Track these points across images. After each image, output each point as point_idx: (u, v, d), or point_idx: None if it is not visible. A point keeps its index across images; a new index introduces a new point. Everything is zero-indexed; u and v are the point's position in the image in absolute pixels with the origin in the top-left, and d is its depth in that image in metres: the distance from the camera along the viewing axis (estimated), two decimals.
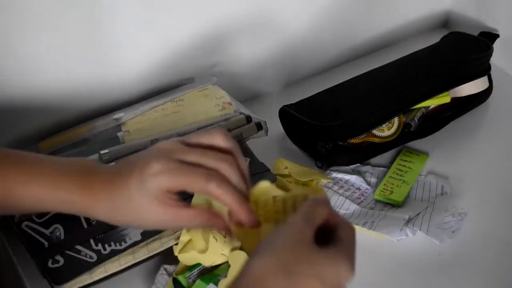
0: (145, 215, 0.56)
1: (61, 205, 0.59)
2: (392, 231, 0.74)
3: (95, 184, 0.58)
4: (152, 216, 0.56)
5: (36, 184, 0.58)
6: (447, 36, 0.97)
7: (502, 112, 0.95)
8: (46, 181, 0.58)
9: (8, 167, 0.59)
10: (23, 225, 0.73)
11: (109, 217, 0.58)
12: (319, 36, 0.98)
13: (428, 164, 0.86)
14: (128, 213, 0.57)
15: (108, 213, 0.58)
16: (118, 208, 0.57)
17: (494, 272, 0.73)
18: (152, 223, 0.58)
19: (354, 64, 1.02)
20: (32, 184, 0.58)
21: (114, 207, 0.57)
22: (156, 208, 0.55)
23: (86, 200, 0.57)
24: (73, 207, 0.59)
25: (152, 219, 0.56)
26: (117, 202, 0.56)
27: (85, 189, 0.58)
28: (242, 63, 0.94)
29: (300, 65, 1.00)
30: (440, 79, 0.87)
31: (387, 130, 0.85)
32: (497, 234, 0.77)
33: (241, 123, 0.82)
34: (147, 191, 0.55)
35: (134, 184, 0.55)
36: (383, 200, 0.80)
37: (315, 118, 0.83)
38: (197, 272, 0.70)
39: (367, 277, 0.72)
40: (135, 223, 0.58)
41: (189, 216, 0.57)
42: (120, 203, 0.56)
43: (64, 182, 0.58)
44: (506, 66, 1.00)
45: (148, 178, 0.55)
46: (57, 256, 0.69)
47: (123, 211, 0.57)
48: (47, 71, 0.78)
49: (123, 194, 0.56)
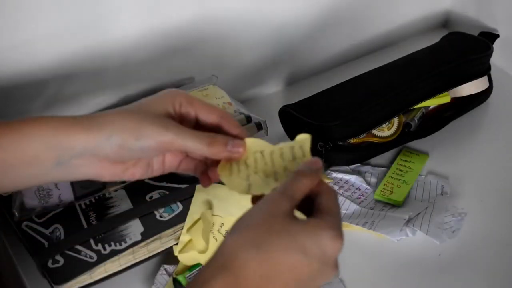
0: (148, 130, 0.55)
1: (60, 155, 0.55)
2: (392, 231, 0.74)
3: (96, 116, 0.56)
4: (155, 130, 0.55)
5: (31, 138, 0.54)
6: (447, 36, 0.97)
7: (502, 112, 0.95)
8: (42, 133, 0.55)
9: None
10: (23, 225, 0.73)
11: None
12: (319, 36, 0.98)
13: (428, 164, 0.86)
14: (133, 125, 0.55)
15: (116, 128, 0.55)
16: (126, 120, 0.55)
17: (494, 272, 0.73)
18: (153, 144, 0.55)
19: (354, 64, 1.02)
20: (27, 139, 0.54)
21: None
22: (162, 121, 0.55)
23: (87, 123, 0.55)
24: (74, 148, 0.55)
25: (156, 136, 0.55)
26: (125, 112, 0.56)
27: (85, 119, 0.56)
28: (242, 63, 0.94)
29: (300, 65, 1.00)
30: (440, 79, 0.87)
31: (387, 130, 0.85)
32: (497, 234, 0.77)
33: (241, 123, 0.82)
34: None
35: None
36: (383, 200, 0.80)
37: (315, 118, 0.83)
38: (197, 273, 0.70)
39: (367, 277, 0.73)
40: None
41: (192, 135, 0.55)
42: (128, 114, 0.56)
43: (62, 128, 0.55)
44: (506, 66, 1.00)
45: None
46: (57, 256, 0.69)
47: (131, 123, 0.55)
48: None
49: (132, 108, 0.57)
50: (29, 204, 0.74)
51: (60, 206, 0.75)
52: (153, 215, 0.73)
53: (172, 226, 0.72)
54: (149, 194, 0.76)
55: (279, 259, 0.46)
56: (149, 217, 0.73)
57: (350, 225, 0.76)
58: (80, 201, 0.75)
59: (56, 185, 0.74)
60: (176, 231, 0.73)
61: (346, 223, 0.77)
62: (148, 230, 0.72)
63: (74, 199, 0.75)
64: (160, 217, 0.73)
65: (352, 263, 0.74)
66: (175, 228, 0.72)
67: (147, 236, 0.71)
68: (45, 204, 0.74)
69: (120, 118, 0.55)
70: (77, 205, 0.75)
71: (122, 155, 0.55)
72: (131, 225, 0.72)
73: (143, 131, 0.54)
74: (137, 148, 0.54)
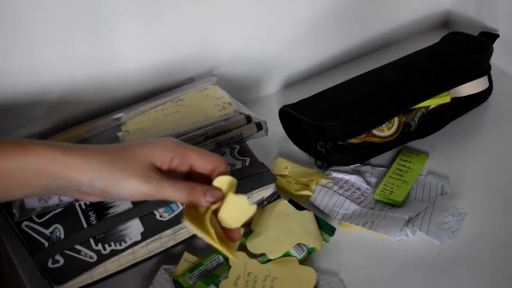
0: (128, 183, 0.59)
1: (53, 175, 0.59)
2: (392, 231, 0.74)
3: (88, 149, 0.60)
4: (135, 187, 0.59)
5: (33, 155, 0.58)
6: (447, 36, 0.97)
7: (502, 112, 0.95)
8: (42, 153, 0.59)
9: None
10: (23, 225, 0.73)
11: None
12: (319, 36, 0.98)
13: (428, 164, 0.86)
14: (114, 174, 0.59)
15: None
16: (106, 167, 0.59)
17: (494, 272, 0.73)
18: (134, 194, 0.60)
19: (354, 64, 1.02)
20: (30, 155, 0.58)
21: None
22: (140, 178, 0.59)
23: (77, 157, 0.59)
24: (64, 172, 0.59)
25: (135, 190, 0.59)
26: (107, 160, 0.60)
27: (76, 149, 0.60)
28: (242, 63, 0.94)
29: (299, 65, 1.00)
30: (440, 79, 0.87)
31: (387, 130, 0.85)
32: (497, 234, 0.77)
33: (241, 123, 0.82)
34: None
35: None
36: (383, 200, 0.80)
37: (315, 118, 0.83)
38: (198, 274, 0.70)
39: (367, 277, 0.73)
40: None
41: (172, 187, 0.59)
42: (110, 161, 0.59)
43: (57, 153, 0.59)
44: (506, 66, 1.00)
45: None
46: (57, 256, 0.69)
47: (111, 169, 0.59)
48: (48, 70, 0.78)
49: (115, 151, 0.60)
50: (29, 204, 0.74)
51: (60, 206, 0.75)
52: (153, 215, 0.73)
53: (172, 226, 0.72)
54: None
55: None
56: (149, 217, 0.73)
57: (350, 225, 0.76)
58: (80, 201, 0.75)
59: None
60: (176, 231, 0.72)
61: (346, 223, 0.77)
62: (148, 230, 0.72)
63: (74, 199, 0.75)
64: (160, 217, 0.73)
65: (352, 263, 0.74)
66: (175, 228, 0.72)
67: (147, 236, 0.71)
68: (45, 204, 0.74)
69: (104, 165, 0.59)
70: (77, 205, 0.75)
71: (103, 196, 0.61)
72: (131, 225, 0.72)
73: (124, 182, 0.59)
74: (117, 195, 0.60)
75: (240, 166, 0.79)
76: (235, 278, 0.69)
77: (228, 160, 0.81)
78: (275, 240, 0.73)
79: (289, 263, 0.71)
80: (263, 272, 0.70)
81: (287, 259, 0.72)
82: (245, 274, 0.70)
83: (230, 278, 0.69)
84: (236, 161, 0.80)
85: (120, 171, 0.59)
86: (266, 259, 0.72)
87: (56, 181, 0.58)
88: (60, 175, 0.58)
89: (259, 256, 0.72)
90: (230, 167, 0.79)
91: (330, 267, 0.73)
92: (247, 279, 0.69)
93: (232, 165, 0.80)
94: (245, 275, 0.69)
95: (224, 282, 0.69)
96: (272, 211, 0.76)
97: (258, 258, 0.72)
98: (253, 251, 0.72)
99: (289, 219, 0.75)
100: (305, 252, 0.73)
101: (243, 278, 0.69)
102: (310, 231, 0.74)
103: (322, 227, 0.76)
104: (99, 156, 0.59)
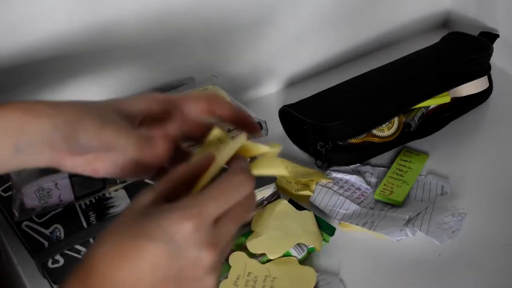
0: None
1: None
2: (392, 231, 0.74)
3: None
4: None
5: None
6: (447, 36, 0.97)
7: (502, 112, 0.95)
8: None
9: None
10: (23, 225, 0.73)
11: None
12: (319, 36, 0.98)
13: (428, 164, 0.86)
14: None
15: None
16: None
17: (494, 272, 0.73)
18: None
19: (354, 64, 1.02)
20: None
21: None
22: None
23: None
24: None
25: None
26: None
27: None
28: (242, 63, 0.94)
29: (299, 65, 1.00)
30: (440, 79, 0.87)
31: (387, 130, 0.85)
32: (497, 234, 0.77)
33: None
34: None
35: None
36: (383, 200, 0.80)
37: (315, 118, 0.83)
38: None
39: (367, 277, 0.73)
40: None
41: (128, 134, 0.52)
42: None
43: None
44: (506, 66, 1.00)
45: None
46: (57, 256, 0.69)
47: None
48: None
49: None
50: (29, 204, 0.74)
51: (60, 206, 0.75)
52: None
53: None
54: None
55: (127, 247, 0.44)
56: None
57: (350, 225, 0.76)
58: (80, 201, 0.75)
59: (56, 185, 0.74)
60: None
61: (346, 223, 0.77)
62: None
63: (74, 199, 0.75)
64: None
65: (352, 263, 0.74)
66: None
67: None
68: (45, 204, 0.74)
69: (71, 110, 0.52)
70: (77, 205, 0.75)
71: (70, 147, 0.53)
72: None
73: (83, 127, 0.51)
74: (78, 144, 0.52)
75: None
76: (235, 278, 0.69)
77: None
78: (275, 240, 0.73)
79: (289, 263, 0.72)
80: (263, 272, 0.70)
81: (287, 259, 0.72)
82: (245, 274, 0.70)
83: (230, 278, 0.69)
84: None
85: (83, 115, 0.52)
86: (266, 259, 0.72)
87: (26, 137, 0.52)
88: (30, 128, 0.52)
89: (259, 256, 0.72)
90: None
91: (330, 267, 0.73)
92: (247, 279, 0.69)
93: None
94: (245, 275, 0.69)
95: (224, 282, 0.69)
96: (272, 211, 0.76)
97: (258, 258, 0.72)
98: (253, 251, 0.72)
99: (289, 219, 0.75)
100: (305, 252, 0.73)
101: (243, 278, 0.69)
102: (310, 231, 0.74)
103: (322, 227, 0.76)
104: (70, 104, 0.53)
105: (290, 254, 0.72)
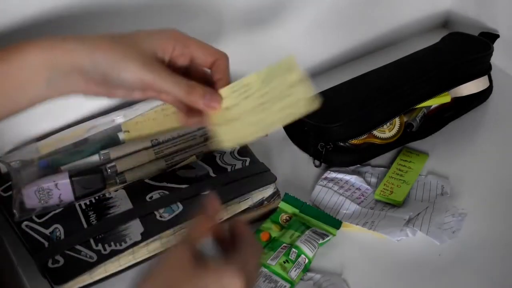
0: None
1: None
2: (392, 231, 0.74)
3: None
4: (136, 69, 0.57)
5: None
6: (447, 36, 0.97)
7: (502, 112, 0.95)
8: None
9: None
10: (23, 225, 0.73)
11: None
12: (319, 36, 0.98)
13: (428, 164, 0.86)
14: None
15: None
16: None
17: (494, 272, 0.73)
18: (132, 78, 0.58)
19: (354, 65, 1.02)
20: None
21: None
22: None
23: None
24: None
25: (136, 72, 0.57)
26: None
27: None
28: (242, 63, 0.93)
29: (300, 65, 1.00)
30: (440, 79, 0.87)
31: (388, 132, 0.85)
32: (497, 234, 0.77)
33: None
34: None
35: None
36: (383, 200, 0.80)
37: (316, 118, 0.83)
38: None
39: (367, 277, 0.73)
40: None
41: (173, 80, 0.58)
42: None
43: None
44: (506, 66, 1.00)
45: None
46: (57, 256, 0.69)
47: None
48: None
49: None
50: (29, 204, 0.74)
51: (60, 206, 0.75)
52: (153, 215, 0.73)
53: (172, 227, 0.72)
54: (149, 194, 0.76)
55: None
56: (149, 217, 0.73)
57: (350, 225, 0.76)
58: (80, 201, 0.75)
59: (56, 185, 0.74)
60: (176, 231, 0.72)
61: (346, 223, 0.77)
62: (148, 230, 0.72)
63: (74, 199, 0.75)
64: (160, 217, 0.73)
65: (352, 263, 0.74)
66: (175, 229, 0.72)
67: (147, 236, 0.71)
68: (45, 204, 0.74)
69: (107, 48, 0.57)
70: (77, 205, 0.75)
71: (106, 81, 0.57)
72: (131, 225, 0.72)
73: (126, 67, 0.57)
74: (118, 81, 0.57)
75: (240, 166, 0.79)
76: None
77: (228, 160, 0.81)
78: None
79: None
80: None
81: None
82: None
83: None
84: (236, 161, 0.80)
85: (123, 55, 0.57)
86: None
87: (58, 70, 0.56)
88: (62, 62, 0.56)
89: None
90: (230, 167, 0.79)
91: (330, 267, 0.73)
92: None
93: (232, 165, 0.80)
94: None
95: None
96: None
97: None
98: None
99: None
100: (317, 248, 0.73)
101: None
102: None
103: (327, 221, 0.75)
104: (101, 40, 0.57)
105: (303, 253, 0.72)
